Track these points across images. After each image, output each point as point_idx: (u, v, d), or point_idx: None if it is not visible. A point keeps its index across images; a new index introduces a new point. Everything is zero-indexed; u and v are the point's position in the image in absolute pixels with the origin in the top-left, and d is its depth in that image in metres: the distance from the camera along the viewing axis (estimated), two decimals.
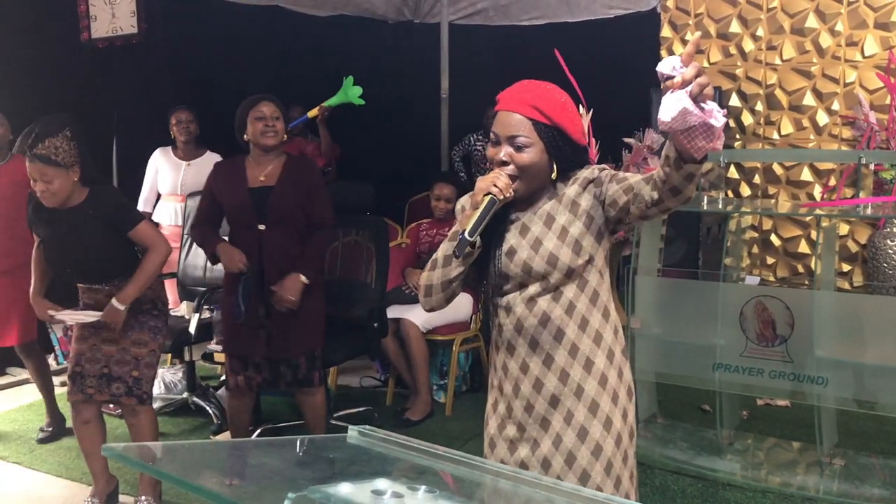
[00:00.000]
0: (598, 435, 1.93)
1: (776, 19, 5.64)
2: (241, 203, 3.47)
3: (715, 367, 3.51)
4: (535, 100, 1.94)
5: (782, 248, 5.70)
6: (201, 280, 4.54)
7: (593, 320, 1.96)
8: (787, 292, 3.71)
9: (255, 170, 3.53)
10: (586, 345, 1.95)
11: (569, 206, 1.95)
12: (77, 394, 3.24)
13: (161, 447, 1.56)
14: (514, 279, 1.96)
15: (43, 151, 2.98)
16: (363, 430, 1.30)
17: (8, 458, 4.00)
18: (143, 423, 3.27)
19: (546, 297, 1.94)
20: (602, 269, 2.00)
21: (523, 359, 1.98)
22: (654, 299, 3.70)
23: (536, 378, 1.96)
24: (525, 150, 1.92)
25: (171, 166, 4.98)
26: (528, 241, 1.95)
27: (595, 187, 1.94)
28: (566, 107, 1.98)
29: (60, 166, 3.01)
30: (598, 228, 1.95)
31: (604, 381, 1.95)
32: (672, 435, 3.83)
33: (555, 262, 1.91)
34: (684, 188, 1.72)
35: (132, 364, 3.24)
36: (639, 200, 1.82)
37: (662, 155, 1.72)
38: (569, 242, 1.92)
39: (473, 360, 4.79)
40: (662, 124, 1.56)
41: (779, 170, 5.71)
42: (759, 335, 3.43)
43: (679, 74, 1.55)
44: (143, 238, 3.20)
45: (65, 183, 3.04)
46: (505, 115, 1.95)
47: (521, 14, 6.76)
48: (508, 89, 1.99)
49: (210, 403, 4.39)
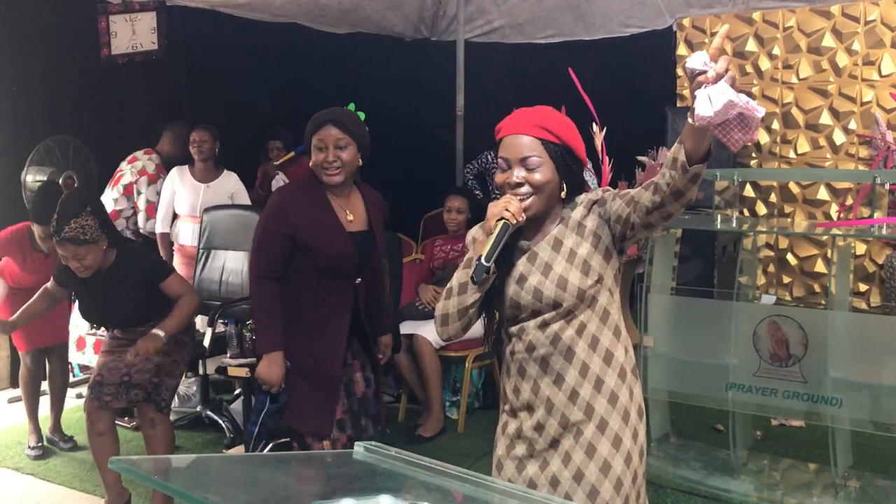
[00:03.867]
0: (608, 453, 1.93)
1: (792, 38, 5.65)
2: (346, 254, 2.80)
3: (728, 386, 3.49)
4: (542, 120, 1.97)
5: (798, 267, 5.68)
6: (216, 294, 4.56)
7: (604, 339, 1.96)
8: (800, 312, 3.69)
9: (340, 208, 2.85)
10: (597, 364, 1.95)
11: (575, 229, 1.97)
12: (94, 401, 3.28)
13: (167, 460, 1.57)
14: (527, 307, 1.97)
15: (71, 234, 3.10)
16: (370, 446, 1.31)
17: (23, 469, 4.03)
18: (159, 435, 3.29)
19: (559, 321, 1.95)
20: (612, 287, 2.00)
21: (535, 380, 1.98)
22: (667, 317, 3.69)
23: (548, 398, 1.96)
24: (538, 169, 1.94)
25: (188, 188, 4.96)
26: (537, 266, 1.96)
27: (599, 207, 1.96)
28: (570, 126, 2.02)
29: (90, 243, 3.14)
30: (606, 247, 1.96)
31: (614, 400, 1.95)
32: (685, 454, 3.80)
33: (565, 286, 1.92)
34: (688, 190, 1.73)
35: (153, 372, 3.30)
36: (639, 208, 1.83)
37: (668, 158, 1.73)
38: (577, 264, 1.93)
39: (486, 377, 4.78)
40: (701, 119, 1.56)
41: (795, 188, 5.69)
42: (773, 355, 3.40)
43: (711, 69, 1.56)
44: (174, 291, 3.37)
45: (97, 255, 3.20)
46: (513, 139, 1.97)
47: (536, 32, 6.78)
48: (507, 118, 2.02)
49: (223, 417, 4.40)
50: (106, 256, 3.25)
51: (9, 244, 4.04)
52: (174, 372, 3.36)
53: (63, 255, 3.18)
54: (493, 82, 6.50)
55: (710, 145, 1.68)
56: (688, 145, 1.67)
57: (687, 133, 1.67)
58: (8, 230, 4.12)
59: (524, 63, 6.70)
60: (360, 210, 2.88)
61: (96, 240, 3.15)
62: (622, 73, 6.04)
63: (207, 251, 4.68)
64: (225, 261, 4.61)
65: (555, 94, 2.95)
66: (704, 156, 1.68)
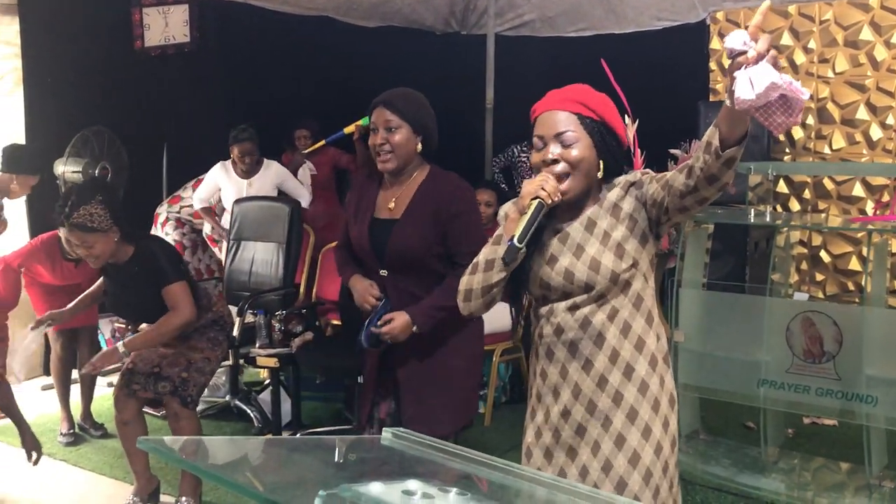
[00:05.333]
0: (637, 443, 1.90)
1: (829, 31, 5.55)
2: (359, 240, 2.70)
3: (760, 383, 3.44)
4: (578, 95, 1.92)
5: (832, 264, 5.58)
6: (246, 285, 4.59)
7: (636, 325, 1.92)
8: (835, 308, 3.63)
9: (388, 192, 2.70)
10: (627, 350, 1.91)
11: (610, 210, 1.91)
12: (122, 388, 3.31)
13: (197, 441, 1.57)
14: (557, 289, 1.93)
15: (79, 220, 3.08)
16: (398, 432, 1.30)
17: (55, 455, 4.08)
18: (184, 429, 3.30)
19: (590, 305, 1.91)
20: (647, 273, 1.96)
21: (562, 364, 1.95)
22: (698, 313, 3.64)
23: (575, 384, 1.93)
24: (574, 145, 1.88)
25: (233, 186, 5.05)
26: (569, 247, 1.92)
27: (636, 189, 1.91)
28: (608, 103, 1.96)
29: (98, 231, 3.11)
30: (642, 231, 1.91)
31: (644, 389, 1.91)
32: (714, 451, 3.76)
33: (598, 268, 1.87)
34: (723, 175, 1.67)
35: (183, 366, 3.30)
36: (673, 192, 1.78)
37: (703, 142, 1.67)
38: (611, 247, 1.89)
39: (514, 371, 4.76)
40: (742, 102, 1.49)
41: (829, 185, 5.60)
42: (806, 351, 3.35)
43: (751, 49, 1.49)
44: (171, 298, 3.22)
45: (105, 245, 3.16)
46: (548, 115, 1.92)
47: (567, 25, 6.73)
48: (543, 98, 1.98)
49: (252, 407, 4.42)
50: (122, 250, 3.22)
51: (39, 253, 4.08)
52: (204, 369, 3.35)
53: (71, 242, 3.16)
54: (523, 76, 6.46)
55: (747, 129, 1.62)
56: (723, 129, 1.62)
57: (723, 116, 1.62)
58: (38, 239, 4.15)
59: (554, 57, 6.66)
60: (406, 200, 2.65)
61: (105, 229, 3.11)
62: (654, 68, 5.97)
63: (238, 242, 4.71)
64: (255, 252, 4.63)
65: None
66: (740, 139, 1.63)
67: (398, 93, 2.65)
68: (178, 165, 5.66)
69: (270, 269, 4.54)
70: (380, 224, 2.66)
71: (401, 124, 2.58)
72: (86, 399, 4.32)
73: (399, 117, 2.58)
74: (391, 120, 2.58)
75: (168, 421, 3.37)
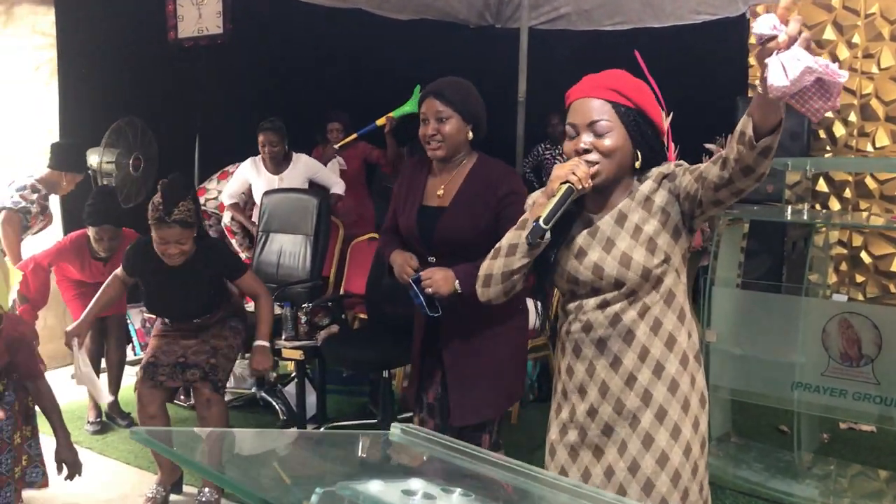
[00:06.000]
0: (665, 444, 1.83)
1: (874, 26, 5.39)
2: (408, 227, 2.71)
3: (794, 385, 3.33)
4: (613, 83, 1.85)
5: (873, 265, 5.43)
6: (274, 277, 4.57)
7: (667, 322, 1.85)
8: (874, 309, 3.50)
9: (437, 179, 2.71)
10: (658, 348, 1.84)
11: (642, 203, 1.84)
12: (147, 381, 3.30)
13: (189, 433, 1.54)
14: (586, 284, 1.86)
15: (180, 216, 3.08)
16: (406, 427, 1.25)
17: (82, 443, 4.09)
18: (214, 415, 3.29)
19: (621, 301, 1.84)
20: (679, 268, 1.88)
21: (590, 361, 1.89)
22: (731, 312, 3.54)
23: (603, 381, 1.87)
24: (607, 134, 1.82)
25: (264, 181, 5.03)
26: (598, 241, 1.85)
27: (669, 182, 1.83)
28: (645, 89, 1.88)
29: (194, 227, 3.14)
30: (675, 225, 1.84)
31: (674, 388, 1.84)
32: (746, 455, 3.66)
33: (628, 264, 1.80)
34: (758, 165, 1.60)
35: (210, 353, 3.31)
36: (707, 185, 1.71)
37: (736, 132, 1.59)
38: (643, 241, 1.82)
39: (541, 369, 4.69)
40: (776, 90, 1.41)
41: (872, 184, 5.44)
42: (843, 354, 3.24)
43: (782, 32, 1.41)
44: (251, 285, 3.41)
45: (192, 241, 3.18)
46: (581, 103, 1.85)
47: (604, 19, 6.62)
48: (578, 84, 1.91)
49: (277, 399, 4.41)
50: None
51: (68, 252, 4.10)
52: (230, 355, 3.37)
53: (163, 240, 3.12)
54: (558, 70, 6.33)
55: (781, 116, 1.54)
56: (756, 117, 1.54)
57: (756, 105, 1.54)
58: (67, 239, 4.18)
59: (591, 50, 6.53)
60: (456, 187, 2.65)
61: (197, 225, 3.16)
62: (692, 62, 5.85)
63: (266, 234, 4.70)
64: (283, 244, 4.62)
65: None
66: (775, 128, 1.55)
67: (448, 82, 2.65)
68: (209, 157, 5.67)
69: (298, 261, 4.52)
70: (428, 211, 2.67)
71: (451, 114, 2.59)
72: (114, 388, 4.34)
73: (450, 107, 2.59)
74: (442, 110, 2.59)
75: (197, 409, 3.36)
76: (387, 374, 3.99)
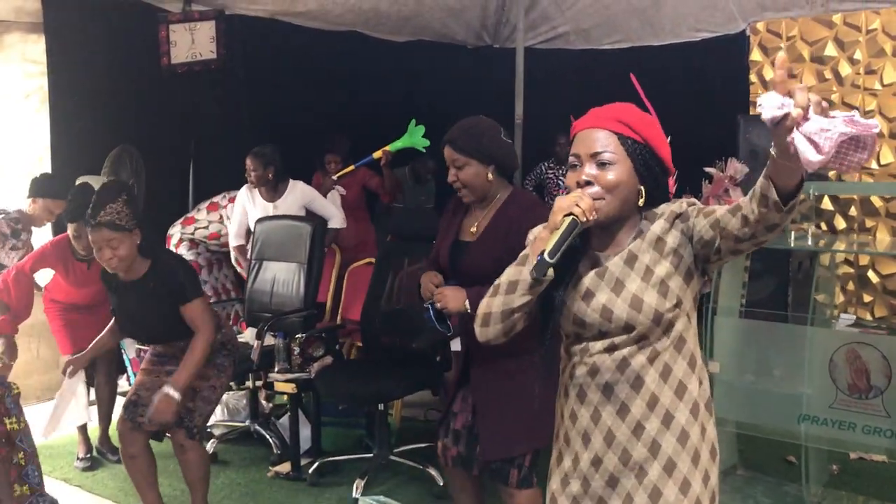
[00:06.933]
0: (674, 498, 1.72)
1: (876, 41, 5.31)
2: (442, 260, 2.78)
3: (801, 418, 3.22)
4: (621, 115, 1.76)
5: (881, 285, 5.32)
6: (267, 306, 4.48)
7: (677, 369, 1.75)
8: (883, 340, 3.39)
9: (472, 216, 2.77)
10: (667, 396, 1.73)
11: (653, 244, 1.73)
12: (126, 422, 3.21)
13: None
14: (593, 326, 1.75)
15: (107, 217, 2.98)
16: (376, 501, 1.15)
17: (71, 480, 4.02)
18: (191, 460, 3.20)
19: (630, 346, 1.74)
20: (690, 312, 1.78)
21: (595, 407, 1.78)
22: (734, 342, 3.43)
23: (608, 430, 1.76)
24: (611, 167, 1.72)
25: (259, 209, 4.91)
26: (607, 282, 1.74)
27: (682, 222, 1.73)
28: (655, 124, 1.79)
29: (125, 230, 3.01)
30: (688, 268, 1.72)
31: (684, 439, 1.74)
32: (752, 489, 3.53)
33: (639, 307, 1.70)
34: (784, 220, 1.51)
35: (188, 395, 3.18)
36: (726, 235, 1.61)
37: (757, 193, 1.50)
38: (654, 284, 1.71)
39: None
40: (814, 164, 1.33)
41: (878, 201, 5.35)
42: (852, 385, 3.12)
43: (792, 108, 1.33)
44: (193, 317, 3.15)
45: (130, 247, 3.06)
46: (586, 134, 1.76)
47: (603, 38, 6.57)
48: (584, 115, 1.82)
49: (271, 433, 4.31)
50: (138, 263, 3.12)
51: (51, 255, 4.03)
52: (210, 398, 3.24)
53: (95, 244, 3.03)
54: (556, 90, 6.30)
55: (803, 175, 1.45)
56: (779, 182, 1.45)
57: (776, 170, 1.45)
58: (48, 242, 4.11)
59: (590, 70, 6.49)
60: (487, 221, 2.70)
61: (130, 228, 3.01)
62: (692, 80, 5.78)
63: (259, 262, 4.60)
64: (276, 272, 4.52)
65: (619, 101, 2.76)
66: (799, 186, 1.47)
67: (459, 129, 2.68)
68: (204, 183, 5.59)
69: (292, 289, 4.42)
70: (460, 245, 2.74)
71: (466, 161, 2.63)
72: (104, 423, 4.25)
73: (463, 154, 2.63)
74: (457, 158, 2.64)
75: (175, 453, 3.25)
76: (382, 406, 3.89)
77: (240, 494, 3.83)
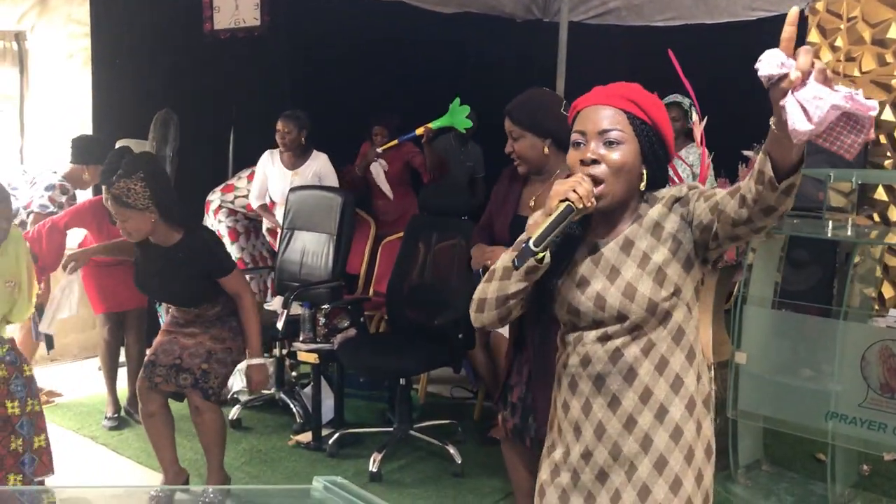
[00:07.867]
0: (663, 497, 1.66)
1: (856, 30, 5.09)
2: (501, 236, 2.76)
3: (829, 416, 3.09)
4: (630, 93, 1.69)
5: None
6: (296, 275, 4.48)
7: (674, 362, 1.67)
8: None
9: (530, 188, 2.75)
10: (662, 390, 1.67)
11: (650, 229, 1.66)
12: (145, 381, 3.25)
13: None
14: (587, 315, 1.69)
15: (116, 192, 2.97)
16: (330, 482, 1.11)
17: (97, 438, 4.09)
18: (206, 423, 3.21)
19: (623, 336, 1.67)
20: (690, 302, 1.70)
21: (586, 398, 1.72)
22: (764, 333, 3.31)
23: (599, 422, 1.70)
24: (619, 147, 1.65)
25: (278, 175, 4.90)
26: (602, 269, 1.68)
27: (682, 207, 1.65)
28: (661, 106, 1.72)
29: (131, 208, 2.99)
30: (687, 255, 1.65)
31: (677, 435, 1.67)
32: (777, 486, 3.42)
33: (632, 296, 1.63)
34: (780, 204, 1.43)
35: (203, 357, 3.20)
36: (724, 219, 1.54)
37: (754, 171, 1.42)
38: (650, 271, 1.64)
39: None
40: (800, 134, 1.26)
41: None
42: (884, 385, 2.98)
43: (793, 69, 1.25)
44: (232, 287, 3.22)
45: (140, 224, 3.03)
46: (593, 110, 1.68)
47: (655, 14, 6.36)
48: (588, 93, 1.74)
49: (295, 402, 4.32)
50: (166, 232, 3.11)
51: (87, 214, 4.07)
52: (226, 360, 3.25)
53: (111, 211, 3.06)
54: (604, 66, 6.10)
55: (803, 154, 1.37)
56: (775, 156, 1.37)
57: (773, 144, 1.36)
58: (87, 201, 4.16)
59: (640, 47, 6.28)
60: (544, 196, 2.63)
61: (141, 208, 2.98)
62: (746, 60, 5.53)
63: (291, 231, 4.60)
64: (306, 242, 4.52)
65: (669, 81, 2.65)
66: (797, 165, 1.38)
67: (518, 101, 2.68)
68: (244, 150, 5.59)
69: (320, 260, 4.42)
70: (521, 221, 2.64)
71: (522, 133, 2.64)
72: (132, 383, 4.31)
73: (519, 127, 2.64)
74: (513, 130, 2.65)
75: (191, 415, 3.27)
76: (404, 380, 3.86)
77: (259, 461, 3.85)
